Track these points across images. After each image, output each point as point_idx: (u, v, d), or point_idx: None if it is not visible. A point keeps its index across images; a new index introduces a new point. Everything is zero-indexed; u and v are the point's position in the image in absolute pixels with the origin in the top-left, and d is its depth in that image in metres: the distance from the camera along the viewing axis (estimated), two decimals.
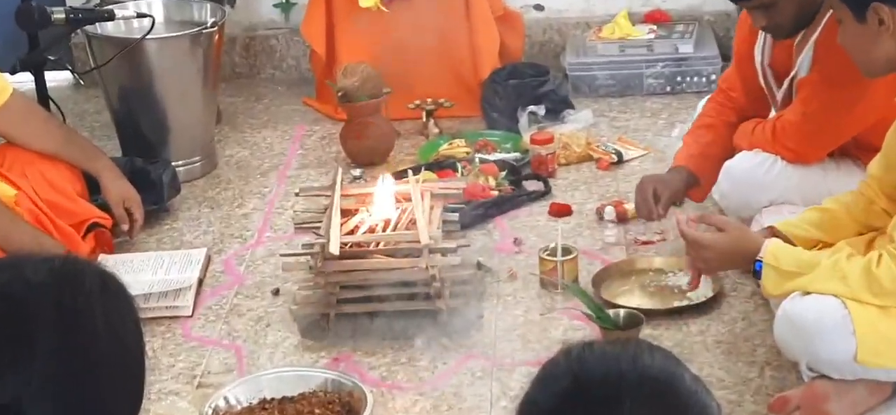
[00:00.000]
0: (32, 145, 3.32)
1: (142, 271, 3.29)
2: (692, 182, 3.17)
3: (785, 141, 2.94)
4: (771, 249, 2.50)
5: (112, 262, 3.25)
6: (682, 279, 3.04)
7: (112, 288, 1.55)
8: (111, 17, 3.78)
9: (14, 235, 3.05)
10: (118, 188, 3.41)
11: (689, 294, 2.98)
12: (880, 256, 2.40)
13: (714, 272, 2.89)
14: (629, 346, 1.39)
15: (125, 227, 3.43)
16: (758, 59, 3.05)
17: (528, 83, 4.08)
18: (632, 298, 3.03)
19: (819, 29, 2.85)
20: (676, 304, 2.98)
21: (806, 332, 2.45)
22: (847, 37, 2.50)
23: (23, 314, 1.49)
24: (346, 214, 3.10)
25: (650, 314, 2.92)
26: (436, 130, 4.08)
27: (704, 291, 2.96)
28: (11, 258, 1.68)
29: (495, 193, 3.63)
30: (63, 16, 3.70)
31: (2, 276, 1.55)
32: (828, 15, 2.78)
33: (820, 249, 2.61)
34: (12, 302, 1.49)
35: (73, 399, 1.50)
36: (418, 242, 2.91)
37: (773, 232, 2.65)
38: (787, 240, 2.62)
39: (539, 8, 4.70)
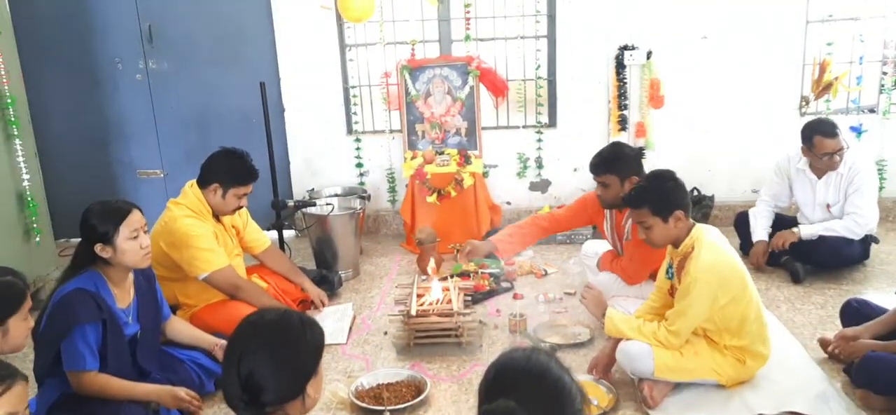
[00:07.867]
0: (274, 268, 4.96)
1: (324, 319, 4.88)
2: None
3: (624, 270, 4.67)
4: (609, 313, 3.97)
5: (311, 314, 4.43)
6: (578, 330, 4.38)
7: (308, 321, 2.66)
8: (313, 203, 5.45)
9: (265, 300, 4.64)
10: (313, 288, 5.01)
11: (572, 329, 4.30)
12: (659, 325, 3.82)
13: (591, 310, 4.20)
14: (530, 351, 1.85)
15: (318, 305, 4.91)
16: (608, 218, 4.43)
17: None
18: (550, 336, 4.54)
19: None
20: (568, 342, 4.43)
21: (630, 358, 3.83)
22: (654, 232, 3.71)
23: (279, 327, 2.57)
24: (419, 295, 4.41)
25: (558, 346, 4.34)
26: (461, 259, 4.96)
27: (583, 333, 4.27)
28: (276, 306, 2.70)
29: (487, 287, 5.11)
30: (292, 203, 5.33)
31: (275, 312, 2.55)
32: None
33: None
34: (278, 323, 2.65)
35: (288, 363, 2.58)
36: (452, 309, 4.18)
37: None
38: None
39: (508, 203, 6.32)
